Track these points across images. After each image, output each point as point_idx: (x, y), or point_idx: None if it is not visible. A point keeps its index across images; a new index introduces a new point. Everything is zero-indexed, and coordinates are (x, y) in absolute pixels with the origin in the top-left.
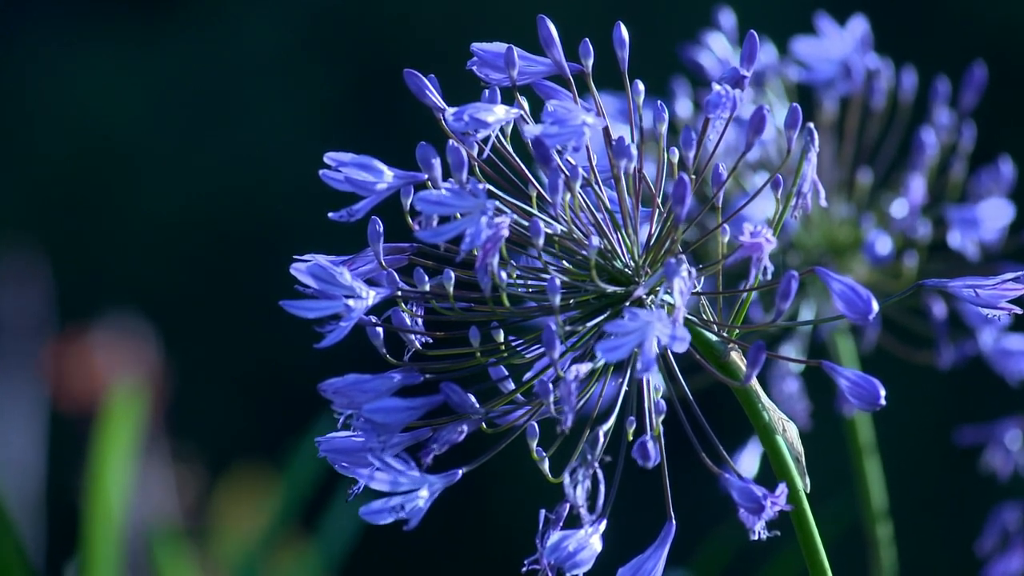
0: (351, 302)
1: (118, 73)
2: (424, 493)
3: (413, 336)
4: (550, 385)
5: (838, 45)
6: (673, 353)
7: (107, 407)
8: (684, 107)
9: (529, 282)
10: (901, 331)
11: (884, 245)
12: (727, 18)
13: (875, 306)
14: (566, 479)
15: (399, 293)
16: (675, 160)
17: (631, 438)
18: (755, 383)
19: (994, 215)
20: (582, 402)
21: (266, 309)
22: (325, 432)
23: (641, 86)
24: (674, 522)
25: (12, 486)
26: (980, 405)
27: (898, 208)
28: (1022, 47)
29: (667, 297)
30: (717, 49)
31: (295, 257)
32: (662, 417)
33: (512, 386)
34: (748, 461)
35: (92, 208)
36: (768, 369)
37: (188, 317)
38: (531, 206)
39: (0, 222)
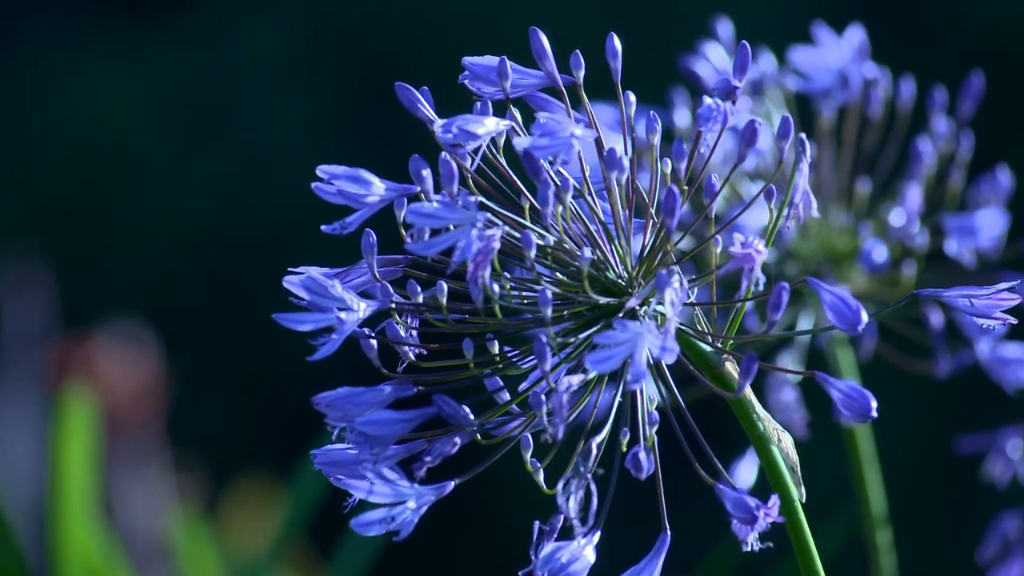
0: (343, 314)
1: (120, 80)
2: (412, 504)
3: (407, 348)
4: (543, 397)
5: (835, 54)
6: (667, 364)
7: (58, 414)
8: (682, 117)
9: (523, 293)
10: (899, 340)
11: (880, 254)
12: (725, 28)
13: (864, 317)
14: (559, 491)
15: (392, 305)
16: (667, 171)
17: (625, 449)
18: (750, 393)
19: (990, 224)
20: (575, 413)
21: (268, 316)
22: (331, 444)
23: (633, 97)
24: (669, 533)
25: (15, 493)
26: (980, 413)
27: (896, 217)
28: (1020, 56)
29: (659, 308)
30: (714, 59)
31: (288, 269)
32: (655, 428)
33: (507, 397)
34: (745, 472)
35: (94, 214)
36: (765, 379)
37: (190, 324)
38: (524, 218)
39: (3, 229)
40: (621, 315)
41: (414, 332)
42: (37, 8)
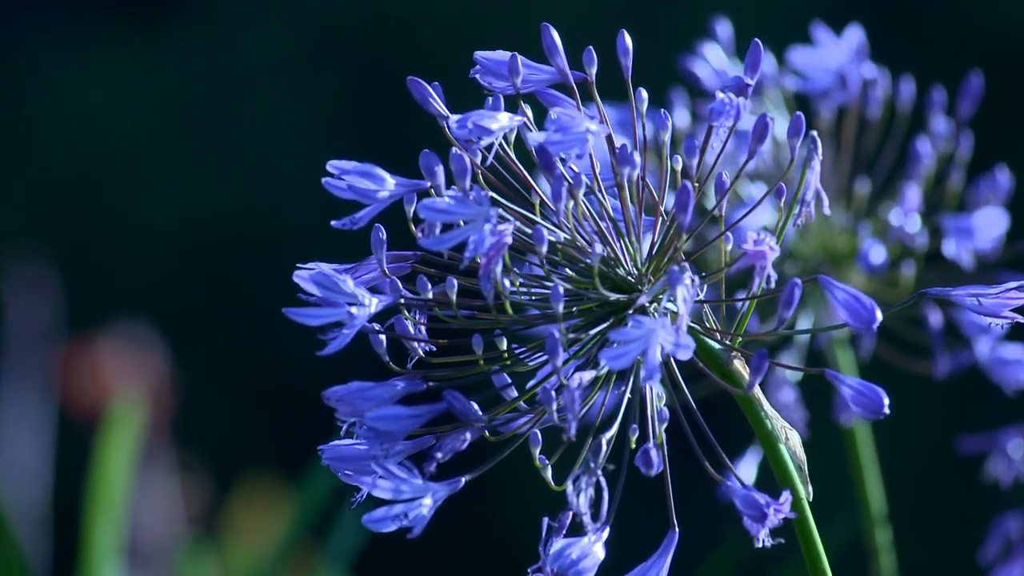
0: (354, 310)
1: (121, 81)
2: (428, 501)
3: (416, 344)
4: (553, 393)
5: (834, 54)
6: (676, 361)
7: (108, 417)
8: (682, 117)
9: (532, 290)
10: (898, 341)
11: (879, 254)
12: (723, 28)
13: (879, 315)
14: (569, 487)
15: (402, 301)
16: (678, 168)
17: (634, 446)
18: (758, 391)
19: (989, 224)
20: (585, 410)
21: (272, 316)
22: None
23: (644, 94)
24: (677, 529)
25: (19, 494)
26: (981, 414)
27: (895, 217)
28: (1019, 56)
29: (670, 305)
30: (713, 59)
31: (298, 265)
32: (665, 425)
33: (515, 394)
34: (746, 469)
35: (96, 216)
36: (766, 378)
37: (194, 325)
38: (534, 214)
39: (7, 231)
40: (631, 311)
41: (423, 328)
42: (37, 8)
